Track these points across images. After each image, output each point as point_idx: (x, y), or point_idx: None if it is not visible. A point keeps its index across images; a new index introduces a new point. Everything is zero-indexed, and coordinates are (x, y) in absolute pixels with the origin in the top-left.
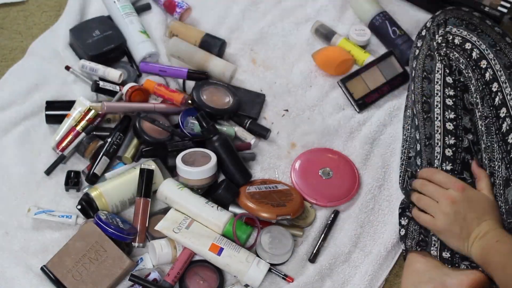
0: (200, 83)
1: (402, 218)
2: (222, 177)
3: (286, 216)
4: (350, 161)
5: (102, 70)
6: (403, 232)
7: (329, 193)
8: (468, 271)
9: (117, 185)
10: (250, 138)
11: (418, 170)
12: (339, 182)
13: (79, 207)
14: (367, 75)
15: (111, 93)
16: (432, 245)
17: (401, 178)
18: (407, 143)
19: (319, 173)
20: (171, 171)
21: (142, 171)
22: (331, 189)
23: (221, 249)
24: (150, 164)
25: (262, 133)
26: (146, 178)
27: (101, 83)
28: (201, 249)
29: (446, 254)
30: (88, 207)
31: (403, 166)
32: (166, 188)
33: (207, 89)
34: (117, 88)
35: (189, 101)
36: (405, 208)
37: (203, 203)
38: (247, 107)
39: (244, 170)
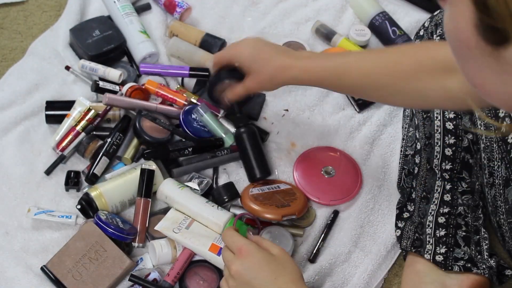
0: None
1: (399, 221)
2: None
3: (292, 216)
4: (352, 158)
5: (102, 70)
6: (398, 232)
7: (331, 192)
8: (469, 272)
9: (117, 186)
10: None
11: (416, 167)
12: (341, 180)
13: (78, 207)
14: None
15: (111, 93)
16: (426, 248)
17: (398, 177)
18: (404, 141)
19: (321, 172)
20: (171, 174)
21: (142, 171)
22: (333, 188)
23: (221, 249)
24: (150, 164)
25: (260, 135)
26: (147, 178)
27: (101, 83)
28: (201, 249)
29: (439, 258)
30: (88, 207)
31: (400, 165)
32: (166, 188)
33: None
34: (117, 88)
35: (192, 100)
36: (402, 208)
37: (203, 202)
38: (248, 107)
39: (265, 165)
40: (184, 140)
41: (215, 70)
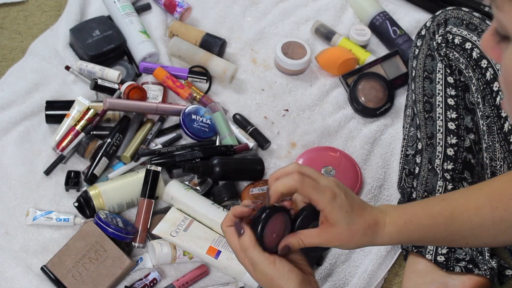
0: None
1: None
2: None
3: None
4: (352, 159)
5: (100, 72)
6: None
7: None
8: (470, 273)
9: (117, 187)
10: (250, 141)
11: (417, 167)
12: (341, 180)
13: (76, 204)
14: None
15: (110, 91)
16: (427, 248)
17: (398, 177)
18: (405, 141)
19: (321, 172)
20: (171, 174)
21: (148, 172)
22: None
23: (219, 252)
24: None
25: (261, 142)
26: (152, 179)
27: (100, 81)
28: (199, 252)
29: (440, 258)
30: (85, 205)
31: (400, 165)
32: (173, 189)
33: None
34: (116, 86)
35: (194, 95)
36: None
37: (209, 204)
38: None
39: (254, 163)
40: (191, 149)
41: (274, 199)
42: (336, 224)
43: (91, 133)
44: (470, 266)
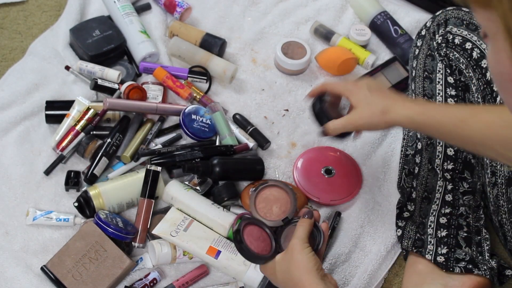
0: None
1: (399, 220)
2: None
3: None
4: (352, 158)
5: (100, 72)
6: (399, 232)
7: (331, 192)
8: (470, 274)
9: (117, 187)
10: (250, 141)
11: (416, 167)
12: (341, 180)
13: (76, 204)
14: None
15: (110, 91)
16: (427, 248)
17: (398, 177)
18: (405, 141)
19: (322, 172)
20: (171, 174)
21: (148, 172)
22: (333, 188)
23: (219, 252)
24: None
25: (261, 142)
26: (152, 179)
27: (100, 81)
28: (199, 252)
29: (440, 258)
30: (85, 205)
31: (400, 164)
32: (173, 189)
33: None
34: (116, 86)
35: (194, 95)
36: (402, 207)
37: (209, 204)
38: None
39: (254, 163)
40: (191, 149)
41: (318, 92)
42: (358, 106)
43: (91, 133)
44: (470, 266)
